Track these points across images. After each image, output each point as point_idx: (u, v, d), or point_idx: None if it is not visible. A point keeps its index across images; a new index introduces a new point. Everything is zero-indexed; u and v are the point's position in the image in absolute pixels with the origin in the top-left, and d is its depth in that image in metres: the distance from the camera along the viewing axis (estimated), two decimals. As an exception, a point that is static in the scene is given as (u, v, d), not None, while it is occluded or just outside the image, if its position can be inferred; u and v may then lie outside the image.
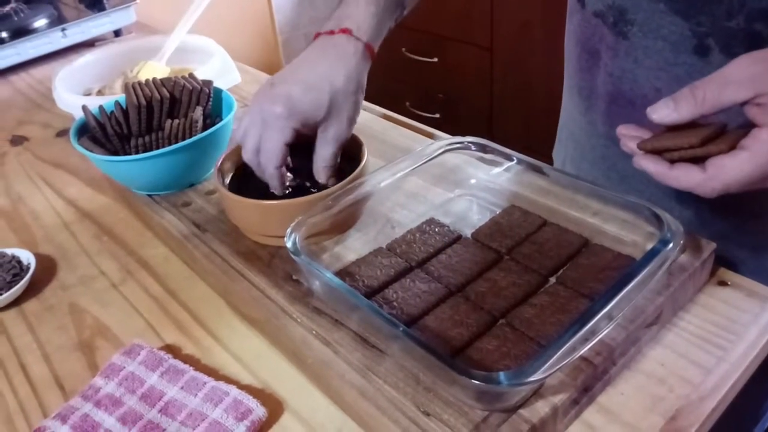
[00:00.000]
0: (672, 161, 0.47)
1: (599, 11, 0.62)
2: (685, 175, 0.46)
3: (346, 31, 0.61)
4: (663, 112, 0.46)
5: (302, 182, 0.65)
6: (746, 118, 0.45)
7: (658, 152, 0.48)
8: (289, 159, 0.63)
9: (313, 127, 0.60)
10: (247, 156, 0.61)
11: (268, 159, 0.59)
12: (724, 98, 0.44)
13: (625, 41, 0.60)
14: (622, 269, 0.51)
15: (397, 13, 0.67)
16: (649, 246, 0.50)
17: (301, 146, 0.62)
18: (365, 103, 0.88)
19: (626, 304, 0.45)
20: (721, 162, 0.44)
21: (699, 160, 0.46)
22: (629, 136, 0.51)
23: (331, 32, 0.62)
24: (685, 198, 0.63)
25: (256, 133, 0.59)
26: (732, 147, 0.44)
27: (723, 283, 0.55)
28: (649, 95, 0.61)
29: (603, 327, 0.43)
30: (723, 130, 0.47)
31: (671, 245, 0.48)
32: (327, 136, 0.61)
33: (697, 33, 0.55)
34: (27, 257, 0.67)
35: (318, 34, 0.63)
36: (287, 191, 0.63)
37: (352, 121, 0.62)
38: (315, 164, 0.62)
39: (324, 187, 0.62)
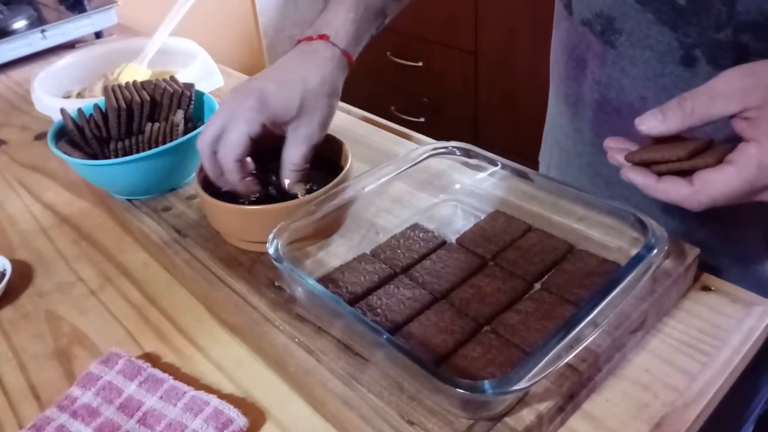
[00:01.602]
0: (659, 174, 0.47)
1: (587, 20, 0.62)
2: (673, 189, 0.45)
3: (323, 37, 0.62)
4: (651, 124, 0.46)
5: (270, 191, 0.63)
6: (732, 130, 0.45)
7: (645, 164, 0.47)
8: (253, 164, 0.61)
9: (283, 125, 0.60)
10: (202, 143, 0.58)
11: (231, 149, 0.57)
12: (713, 111, 0.43)
13: (612, 50, 0.60)
14: (607, 275, 0.51)
15: (378, 22, 0.67)
16: (634, 251, 0.49)
17: (271, 157, 0.61)
18: (349, 107, 0.88)
19: (611, 310, 0.45)
20: (707, 176, 0.44)
21: (686, 174, 0.46)
22: (616, 148, 0.50)
23: (310, 38, 0.62)
24: (669, 206, 0.63)
25: (219, 123, 0.58)
26: (719, 161, 0.44)
27: (707, 289, 0.55)
28: (635, 104, 0.61)
29: (588, 334, 0.43)
30: (710, 144, 0.46)
31: (655, 251, 0.48)
32: (297, 135, 0.60)
33: (684, 44, 0.55)
34: (2, 263, 0.66)
35: (299, 41, 0.63)
36: (252, 197, 0.62)
37: (323, 124, 0.61)
38: (282, 166, 0.61)
39: (294, 195, 0.60)
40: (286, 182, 0.61)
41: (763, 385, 0.72)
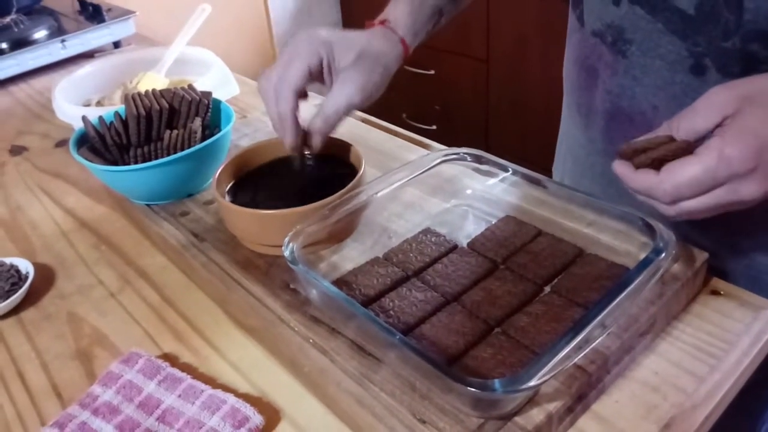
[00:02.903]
0: (641, 164, 0.49)
1: (598, 30, 0.63)
2: (644, 178, 0.48)
3: (383, 23, 0.67)
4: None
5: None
6: None
7: (629, 158, 0.50)
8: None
9: (335, 72, 0.62)
10: (266, 83, 0.62)
11: (289, 79, 0.60)
12: (697, 125, 0.46)
13: (623, 60, 0.61)
14: (616, 278, 0.52)
15: (435, 19, 0.71)
16: (643, 255, 0.50)
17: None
18: (363, 114, 0.90)
19: (620, 312, 0.46)
20: (672, 165, 0.46)
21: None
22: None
23: (371, 24, 0.67)
24: None
25: (281, 64, 0.61)
26: (687, 151, 0.46)
27: (716, 293, 0.56)
28: (647, 113, 0.62)
29: (597, 335, 0.44)
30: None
31: (663, 255, 0.49)
32: (342, 88, 0.61)
33: (693, 53, 0.56)
34: (25, 266, 0.67)
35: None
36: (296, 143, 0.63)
37: (367, 90, 0.62)
38: (313, 120, 0.62)
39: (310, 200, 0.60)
40: (313, 130, 0.62)
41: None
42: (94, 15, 1.31)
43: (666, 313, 0.52)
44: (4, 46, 1.20)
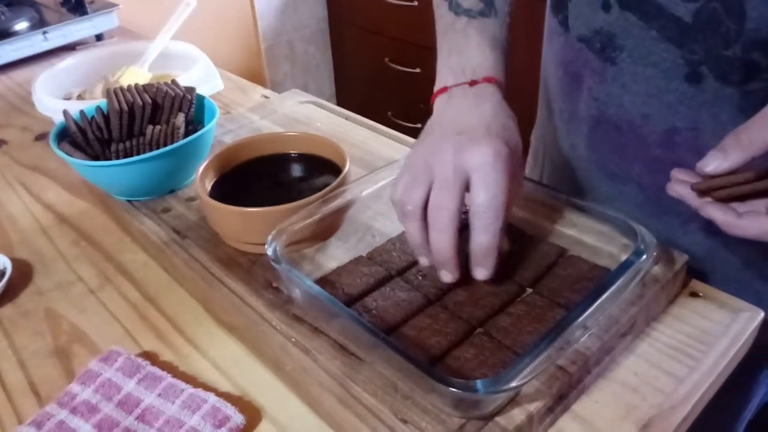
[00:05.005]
0: (720, 200, 0.46)
1: (584, 36, 0.62)
2: (754, 224, 0.45)
3: (491, 80, 0.56)
4: (715, 163, 0.45)
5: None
6: None
7: (706, 192, 0.47)
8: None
9: None
10: (413, 208, 0.50)
11: (449, 225, 0.49)
12: None
13: (612, 67, 0.60)
14: (598, 280, 0.52)
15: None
16: (624, 257, 0.51)
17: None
18: (347, 112, 0.89)
19: (601, 314, 0.46)
20: None
21: (744, 199, 0.46)
22: (679, 180, 0.49)
23: (474, 82, 0.56)
24: (667, 221, 0.63)
25: (423, 189, 0.50)
26: None
27: (695, 295, 0.57)
28: (636, 121, 0.61)
29: (578, 336, 0.44)
30: None
31: (644, 257, 0.50)
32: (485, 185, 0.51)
33: (689, 61, 0.55)
34: (3, 262, 0.66)
35: (445, 89, 0.57)
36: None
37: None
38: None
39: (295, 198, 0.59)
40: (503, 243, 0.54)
41: (752, 393, 0.73)
42: (77, 7, 1.29)
43: (646, 315, 0.53)
44: (-16, 37, 1.18)
